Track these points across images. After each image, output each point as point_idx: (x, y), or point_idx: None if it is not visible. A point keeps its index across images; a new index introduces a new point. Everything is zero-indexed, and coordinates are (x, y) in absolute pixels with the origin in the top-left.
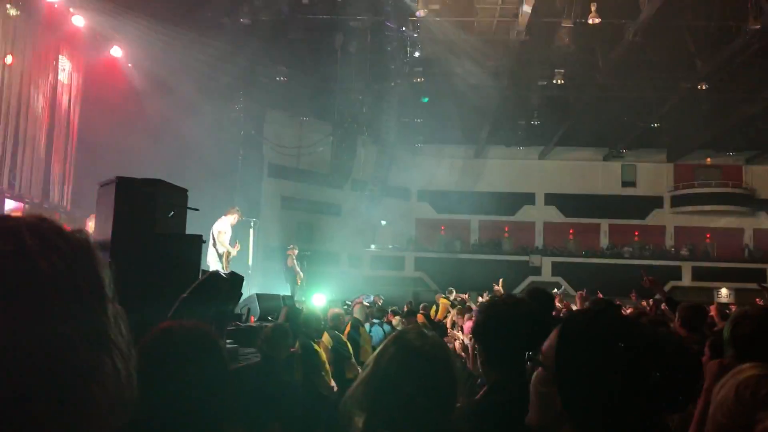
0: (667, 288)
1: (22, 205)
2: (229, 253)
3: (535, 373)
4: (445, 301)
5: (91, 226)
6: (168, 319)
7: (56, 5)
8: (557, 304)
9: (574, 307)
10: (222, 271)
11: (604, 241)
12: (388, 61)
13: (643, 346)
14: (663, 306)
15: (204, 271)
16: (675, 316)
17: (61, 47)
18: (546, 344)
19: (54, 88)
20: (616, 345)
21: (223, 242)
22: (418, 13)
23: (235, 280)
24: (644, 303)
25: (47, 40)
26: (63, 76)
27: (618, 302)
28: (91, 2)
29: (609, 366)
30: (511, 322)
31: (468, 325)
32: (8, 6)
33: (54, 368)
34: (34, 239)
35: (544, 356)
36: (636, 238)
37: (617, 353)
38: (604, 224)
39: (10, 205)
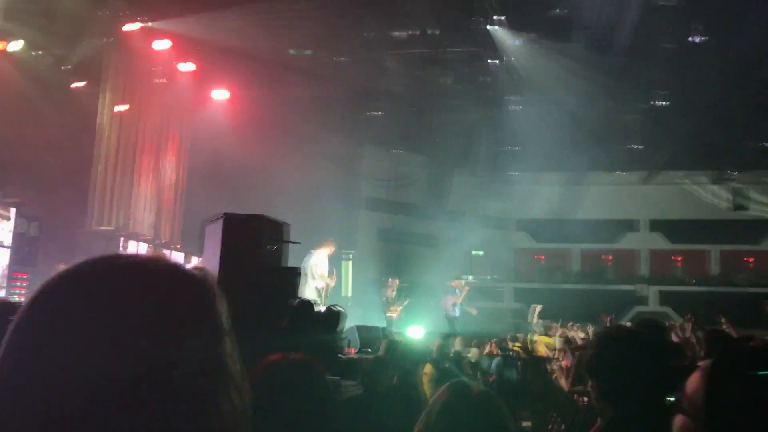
0: None
1: (141, 244)
2: (327, 286)
3: (676, 422)
4: (548, 339)
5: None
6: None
7: (169, 53)
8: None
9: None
10: (312, 300)
11: (714, 269)
12: (484, 91)
13: None
14: None
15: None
16: None
17: (171, 92)
18: (691, 388)
19: (165, 131)
20: None
21: (322, 275)
22: (514, 42)
23: (331, 314)
24: None
25: (158, 86)
26: (174, 120)
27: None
28: (199, 48)
29: None
30: (627, 354)
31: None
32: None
33: (175, 398)
34: (157, 277)
35: (689, 402)
36: (750, 265)
37: None
38: (715, 250)
39: (126, 244)
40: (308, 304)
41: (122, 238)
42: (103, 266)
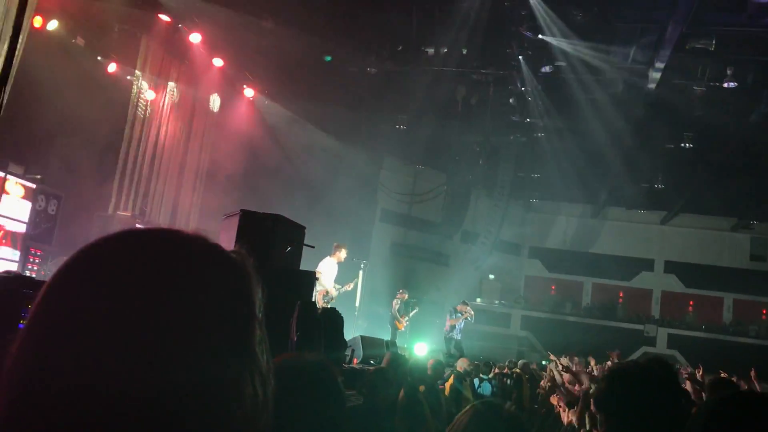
0: None
1: None
2: (327, 292)
3: None
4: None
5: None
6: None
7: (201, 47)
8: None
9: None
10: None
11: (727, 317)
12: (509, 115)
13: None
14: None
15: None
16: None
17: (200, 86)
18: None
19: (190, 124)
20: None
21: (322, 282)
22: (543, 69)
23: (329, 313)
24: None
25: (188, 79)
26: (199, 113)
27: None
28: (231, 45)
29: None
30: (638, 391)
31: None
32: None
33: (200, 378)
34: (197, 255)
35: None
36: (763, 317)
37: None
38: (728, 298)
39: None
40: (311, 305)
41: (137, 225)
42: (142, 240)
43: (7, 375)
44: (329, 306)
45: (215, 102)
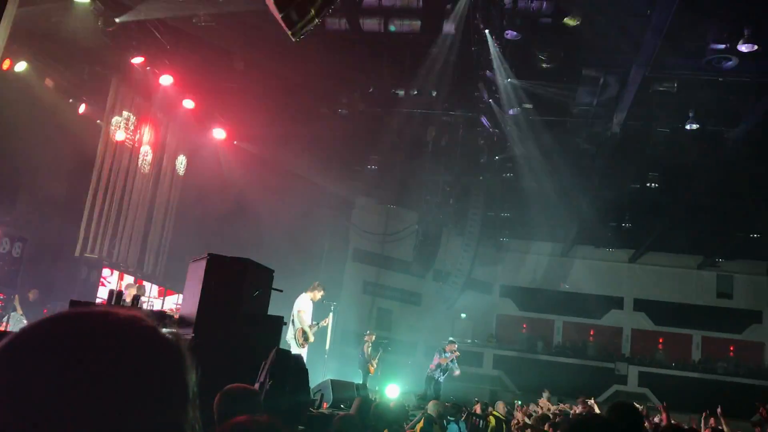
0: None
1: (121, 273)
2: (304, 331)
3: None
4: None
5: (129, 294)
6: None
7: (171, 89)
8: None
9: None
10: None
11: (696, 354)
12: (478, 155)
13: None
14: None
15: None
16: None
17: (170, 127)
18: None
19: (160, 165)
20: None
21: (302, 321)
22: (510, 111)
23: (296, 363)
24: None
25: (158, 120)
26: (169, 155)
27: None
28: (202, 86)
29: None
30: None
31: None
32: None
33: None
34: (131, 339)
35: None
36: (731, 354)
37: None
38: (697, 336)
39: (107, 272)
40: (286, 353)
41: (104, 268)
42: (74, 324)
43: None
44: (308, 344)
45: (182, 163)
